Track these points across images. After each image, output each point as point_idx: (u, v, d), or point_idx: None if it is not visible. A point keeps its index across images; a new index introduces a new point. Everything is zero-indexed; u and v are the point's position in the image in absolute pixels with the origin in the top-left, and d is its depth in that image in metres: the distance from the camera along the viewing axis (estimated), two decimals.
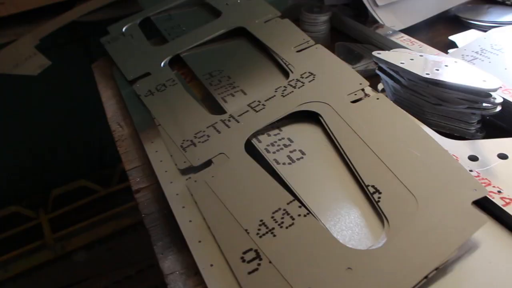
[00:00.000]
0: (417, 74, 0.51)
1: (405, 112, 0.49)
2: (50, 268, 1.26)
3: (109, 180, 1.38)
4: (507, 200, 0.39)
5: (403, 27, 0.70)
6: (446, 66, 0.52)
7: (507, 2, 0.81)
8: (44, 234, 1.25)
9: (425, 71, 0.51)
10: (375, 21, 0.69)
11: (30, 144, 1.27)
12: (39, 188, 1.34)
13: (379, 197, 0.41)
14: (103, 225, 1.30)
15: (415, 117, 0.52)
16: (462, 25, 0.76)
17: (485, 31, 0.70)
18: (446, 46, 0.69)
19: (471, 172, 0.43)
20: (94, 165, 1.40)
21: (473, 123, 0.51)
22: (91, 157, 1.38)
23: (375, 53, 0.55)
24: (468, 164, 0.44)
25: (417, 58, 0.54)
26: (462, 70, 0.51)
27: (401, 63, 0.53)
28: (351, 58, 0.66)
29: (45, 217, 1.29)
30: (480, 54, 0.63)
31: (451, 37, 0.70)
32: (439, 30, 0.75)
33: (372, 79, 0.58)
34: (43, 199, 1.32)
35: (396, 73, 0.54)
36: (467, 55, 0.63)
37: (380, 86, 0.59)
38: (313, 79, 0.56)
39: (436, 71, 0.51)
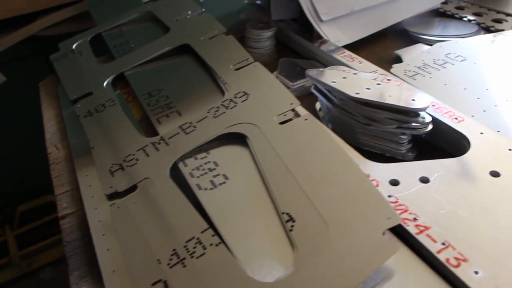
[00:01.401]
0: (346, 94, 0.50)
1: (330, 134, 0.47)
2: (17, 286, 1.24)
3: None
4: (421, 228, 0.38)
5: (348, 41, 0.69)
6: (378, 84, 0.51)
7: (456, 16, 0.80)
8: (10, 251, 1.23)
9: (356, 90, 0.50)
10: (320, 36, 0.68)
11: None
12: (5, 204, 1.32)
13: (292, 226, 0.40)
14: None
15: (347, 137, 0.51)
16: (411, 39, 0.75)
17: (432, 45, 0.69)
18: (392, 60, 0.68)
19: (389, 198, 0.42)
20: None
21: (404, 143, 0.49)
22: None
23: (308, 71, 0.54)
24: (388, 189, 0.42)
25: (350, 77, 0.53)
26: (393, 88, 0.50)
27: (333, 81, 0.52)
28: (294, 74, 0.65)
29: (11, 234, 1.27)
30: (422, 69, 0.62)
31: (397, 52, 0.69)
32: (386, 44, 0.74)
33: (313, 96, 0.57)
34: (9, 215, 1.30)
35: (329, 92, 0.53)
36: (409, 70, 0.62)
37: (318, 105, 0.58)
38: (246, 99, 0.55)
39: (367, 90, 0.50)
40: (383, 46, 0.74)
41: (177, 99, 0.61)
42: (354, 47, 0.69)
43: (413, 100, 0.48)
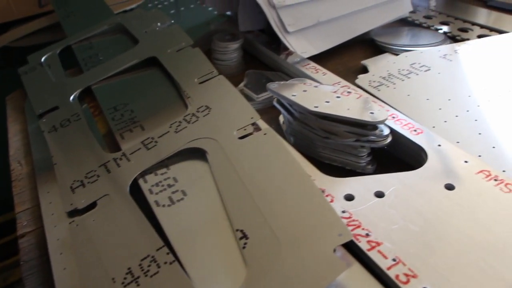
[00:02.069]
0: (305, 107, 0.50)
1: (288, 148, 0.47)
2: None
3: None
4: (373, 244, 0.38)
5: (315, 52, 0.69)
6: (337, 97, 0.51)
7: (424, 25, 0.80)
8: None
9: (315, 103, 0.50)
10: (287, 48, 0.68)
11: None
12: None
13: (245, 243, 0.40)
14: None
15: (308, 150, 0.52)
16: (378, 49, 0.75)
17: (398, 54, 0.69)
18: (359, 70, 0.68)
19: (343, 213, 0.42)
20: None
21: (363, 156, 0.50)
22: None
23: (269, 85, 0.55)
24: (343, 204, 0.42)
25: (311, 90, 0.53)
26: (352, 101, 0.50)
27: (293, 95, 0.52)
28: (260, 86, 0.65)
29: None
30: (387, 80, 0.62)
31: (364, 62, 0.69)
32: (354, 54, 0.74)
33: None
34: None
35: (290, 105, 0.53)
36: (374, 81, 0.62)
37: (282, 118, 0.58)
38: (208, 113, 0.54)
39: (326, 103, 0.50)
40: (351, 56, 0.74)
41: (142, 114, 0.60)
42: (322, 57, 0.70)
43: (372, 113, 0.48)
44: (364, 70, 0.68)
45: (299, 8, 0.69)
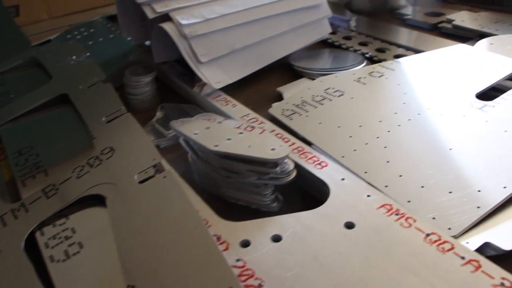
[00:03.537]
0: (205, 146, 0.48)
1: (185, 192, 0.45)
2: None
3: None
4: None
5: (230, 81, 0.68)
6: (240, 133, 0.50)
7: (343, 46, 0.80)
8: None
9: (216, 141, 0.49)
10: (201, 79, 0.66)
11: None
12: None
13: None
14: None
15: (213, 190, 0.50)
16: (297, 74, 0.74)
17: (314, 79, 0.69)
18: (275, 98, 0.67)
19: (238, 262, 0.40)
20: None
21: (267, 194, 0.48)
22: None
23: (172, 122, 0.53)
24: (238, 252, 0.41)
25: (214, 126, 0.52)
26: (254, 137, 0.49)
27: (195, 133, 0.50)
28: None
29: None
30: (300, 108, 0.61)
31: (279, 89, 0.69)
32: (272, 81, 0.73)
33: None
34: None
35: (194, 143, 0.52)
36: (287, 110, 0.62)
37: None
38: (112, 156, 0.52)
39: (228, 141, 0.49)
40: (269, 83, 0.73)
41: (47, 158, 0.58)
42: (239, 86, 0.69)
43: (273, 149, 0.47)
44: (281, 97, 0.67)
45: (212, 37, 0.68)
